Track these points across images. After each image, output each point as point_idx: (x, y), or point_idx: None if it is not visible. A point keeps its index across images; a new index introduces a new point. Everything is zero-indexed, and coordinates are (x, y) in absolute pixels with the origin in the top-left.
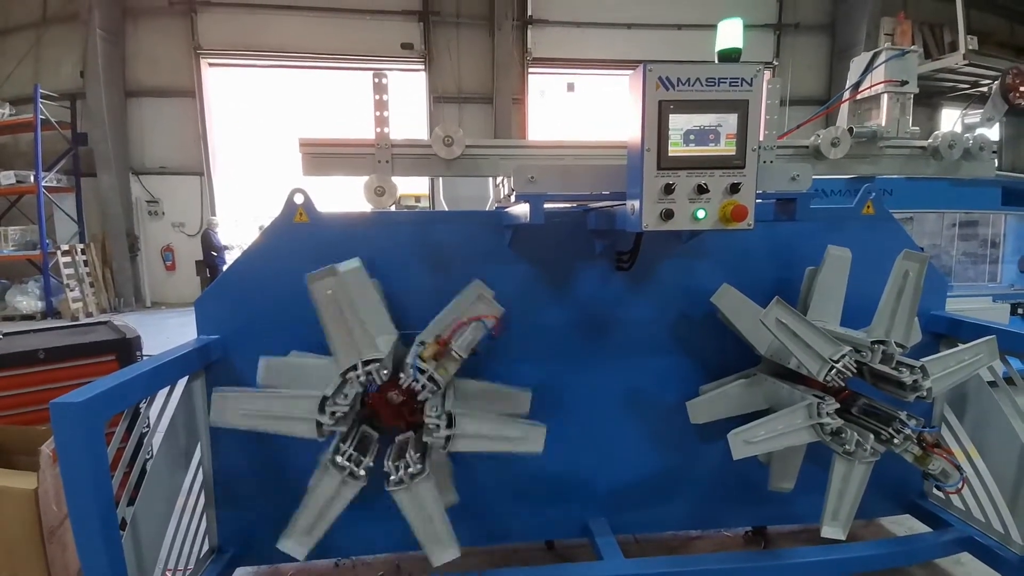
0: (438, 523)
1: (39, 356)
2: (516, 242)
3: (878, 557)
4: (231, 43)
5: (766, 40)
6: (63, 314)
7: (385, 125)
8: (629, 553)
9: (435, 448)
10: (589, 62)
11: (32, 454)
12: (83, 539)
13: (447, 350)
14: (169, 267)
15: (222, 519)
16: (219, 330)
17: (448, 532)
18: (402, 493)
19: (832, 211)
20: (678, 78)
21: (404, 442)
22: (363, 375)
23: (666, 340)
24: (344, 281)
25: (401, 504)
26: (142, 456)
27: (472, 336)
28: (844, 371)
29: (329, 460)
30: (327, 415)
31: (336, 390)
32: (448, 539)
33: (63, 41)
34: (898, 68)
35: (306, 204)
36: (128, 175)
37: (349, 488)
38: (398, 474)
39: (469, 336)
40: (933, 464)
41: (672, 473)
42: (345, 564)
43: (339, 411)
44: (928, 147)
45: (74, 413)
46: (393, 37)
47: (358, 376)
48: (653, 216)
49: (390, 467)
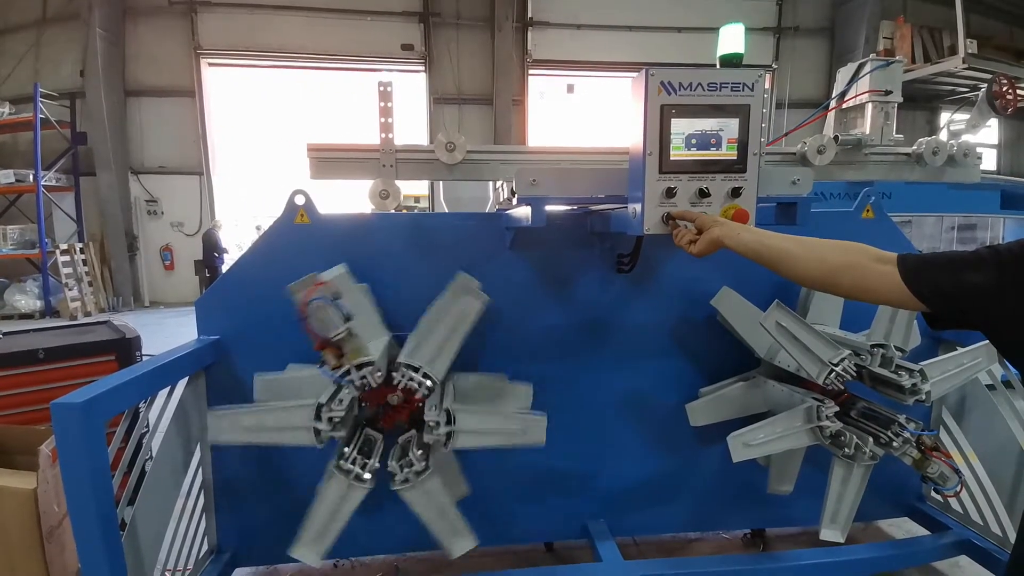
0: (450, 516)
1: (39, 355)
2: (517, 244)
3: (877, 560)
4: (231, 43)
5: (766, 43)
6: (62, 313)
7: (390, 131)
8: (628, 555)
9: (437, 446)
10: (589, 64)
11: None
12: (82, 539)
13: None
14: (168, 267)
15: (221, 519)
16: (219, 331)
17: (462, 523)
18: (409, 492)
19: (832, 215)
20: (680, 83)
21: (406, 442)
22: (357, 379)
23: (666, 343)
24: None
25: (411, 502)
26: (142, 457)
27: (323, 314)
28: (844, 374)
29: (334, 466)
30: (324, 422)
31: (331, 396)
32: (463, 529)
33: (63, 40)
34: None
35: (307, 205)
36: (127, 174)
37: (357, 491)
38: (403, 473)
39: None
40: (932, 467)
41: (671, 475)
42: (344, 565)
43: (336, 416)
44: (912, 154)
45: (75, 413)
46: (393, 38)
47: (352, 380)
48: (655, 220)
49: (394, 467)
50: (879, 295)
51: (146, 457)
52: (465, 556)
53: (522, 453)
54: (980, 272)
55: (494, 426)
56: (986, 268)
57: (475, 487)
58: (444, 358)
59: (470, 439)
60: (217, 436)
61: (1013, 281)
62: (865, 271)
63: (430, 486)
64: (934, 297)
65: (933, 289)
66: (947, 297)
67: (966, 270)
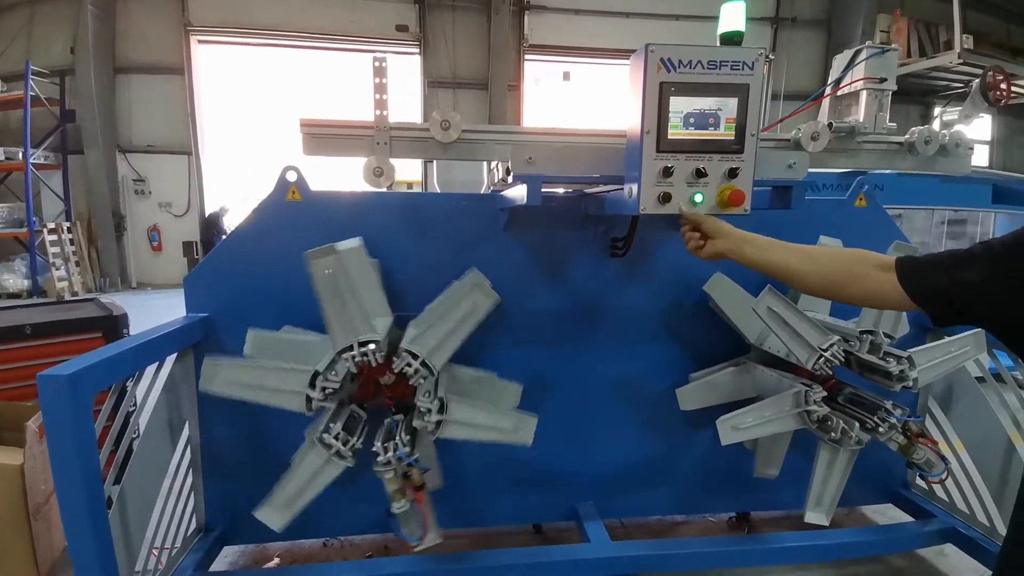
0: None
1: (26, 332)
2: (511, 225)
3: (861, 544)
4: (222, 20)
5: (763, 33)
6: (49, 293)
7: (384, 108)
8: (616, 537)
9: (425, 433)
10: (585, 50)
11: (18, 430)
12: (69, 514)
13: (402, 493)
14: (155, 247)
15: (210, 498)
16: (208, 308)
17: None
18: (389, 474)
19: (825, 202)
20: (679, 60)
21: (393, 424)
22: (359, 355)
23: (658, 327)
24: (344, 261)
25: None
26: (128, 435)
27: (405, 520)
28: (832, 360)
29: (316, 437)
30: (317, 390)
31: (328, 366)
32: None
33: (55, 18)
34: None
35: (299, 182)
36: (115, 153)
37: (333, 467)
38: (386, 455)
39: (405, 518)
40: (918, 453)
41: (660, 459)
42: (333, 544)
43: (329, 387)
44: (905, 143)
45: (62, 385)
46: (388, 19)
47: (353, 356)
48: (651, 199)
49: (379, 448)
50: (885, 303)
51: (133, 435)
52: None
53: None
54: (973, 268)
55: (485, 421)
56: (979, 264)
57: (464, 469)
58: (446, 350)
59: (460, 430)
60: (208, 385)
61: (1006, 272)
62: (868, 281)
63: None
64: (932, 299)
65: (930, 291)
66: (944, 297)
67: (960, 268)
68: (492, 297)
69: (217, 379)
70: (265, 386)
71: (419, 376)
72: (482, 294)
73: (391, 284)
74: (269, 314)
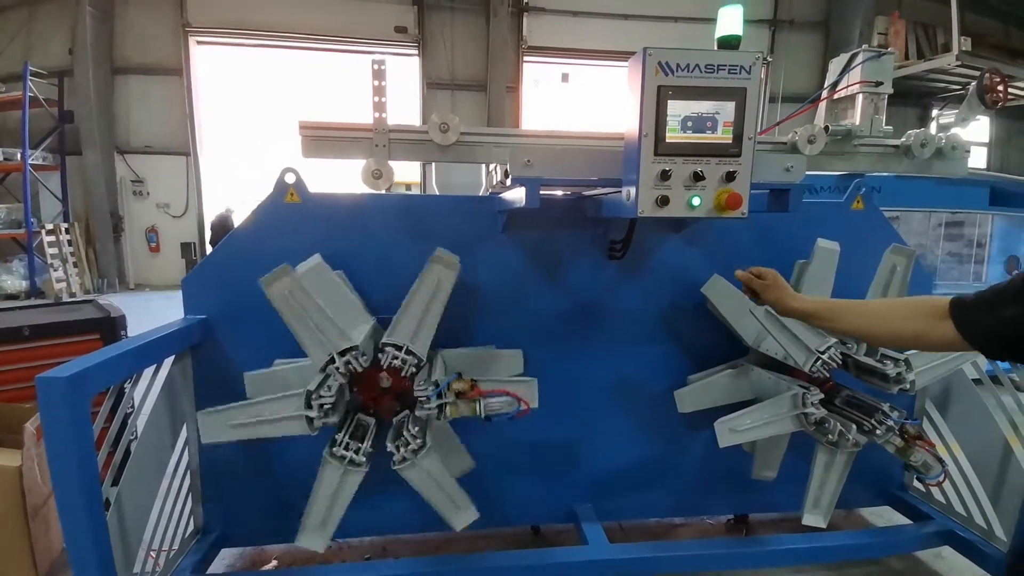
0: (449, 490)
1: (24, 333)
2: (510, 227)
3: (859, 546)
4: (220, 21)
5: (761, 35)
6: (47, 294)
7: (383, 110)
8: (614, 539)
9: (431, 420)
10: (584, 52)
11: (16, 431)
12: (67, 516)
13: (475, 401)
14: (153, 248)
15: (207, 500)
16: (207, 310)
17: (462, 496)
18: (409, 470)
19: (822, 205)
20: (677, 64)
21: (401, 422)
22: (342, 365)
23: (656, 329)
24: (299, 280)
25: (411, 480)
26: (126, 437)
27: (499, 406)
28: (829, 362)
29: (328, 454)
30: (315, 409)
31: (319, 384)
32: (463, 502)
33: (54, 19)
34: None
35: (297, 184)
36: (113, 154)
37: (353, 476)
38: (400, 452)
39: (497, 405)
40: (915, 456)
41: (658, 461)
42: (332, 547)
43: (326, 403)
44: (901, 146)
45: (60, 387)
46: (386, 20)
47: (337, 368)
48: (649, 202)
49: (392, 448)
50: (950, 349)
51: (131, 437)
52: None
53: (510, 436)
54: (1017, 304)
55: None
56: (1020, 297)
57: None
58: (425, 333)
59: (463, 408)
60: (211, 437)
61: None
62: (931, 336)
63: (428, 462)
64: (987, 341)
65: (983, 334)
66: (995, 336)
67: (1005, 306)
68: (453, 266)
69: (218, 427)
70: (264, 419)
71: (410, 366)
72: (442, 266)
73: (389, 284)
74: (267, 316)
